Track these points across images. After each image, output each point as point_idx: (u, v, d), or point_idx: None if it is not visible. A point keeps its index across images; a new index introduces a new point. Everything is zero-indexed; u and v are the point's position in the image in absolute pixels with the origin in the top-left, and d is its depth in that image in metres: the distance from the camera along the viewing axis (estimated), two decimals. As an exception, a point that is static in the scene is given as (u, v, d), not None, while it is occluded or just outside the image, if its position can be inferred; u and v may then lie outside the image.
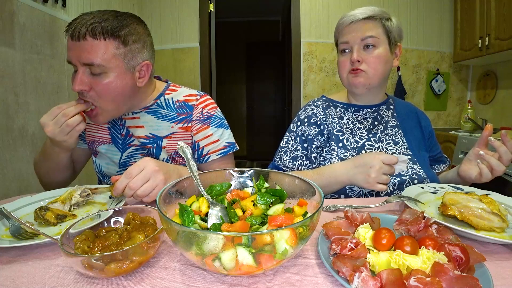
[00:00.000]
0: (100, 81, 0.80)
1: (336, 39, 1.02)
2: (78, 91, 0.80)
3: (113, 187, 0.71)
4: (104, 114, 0.86)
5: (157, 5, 3.02)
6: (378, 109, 1.04)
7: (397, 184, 0.91)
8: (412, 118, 1.07)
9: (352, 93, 1.02)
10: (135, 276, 0.46)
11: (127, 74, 0.84)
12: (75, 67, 0.81)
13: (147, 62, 0.88)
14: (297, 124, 1.03)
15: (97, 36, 0.77)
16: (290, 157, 0.99)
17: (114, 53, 0.80)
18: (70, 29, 0.78)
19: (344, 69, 0.97)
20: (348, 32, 0.94)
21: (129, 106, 0.92)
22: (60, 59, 1.86)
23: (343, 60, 0.97)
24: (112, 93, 0.83)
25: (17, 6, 1.53)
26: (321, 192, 0.51)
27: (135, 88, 0.88)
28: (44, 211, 0.65)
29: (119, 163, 0.99)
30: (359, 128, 1.00)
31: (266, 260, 0.41)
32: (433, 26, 3.01)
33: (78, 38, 0.77)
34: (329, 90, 3.02)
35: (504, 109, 2.70)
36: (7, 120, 1.49)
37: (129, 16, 0.84)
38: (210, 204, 0.54)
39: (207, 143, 0.99)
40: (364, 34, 0.91)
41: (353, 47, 0.93)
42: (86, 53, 0.77)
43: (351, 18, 0.94)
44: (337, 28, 0.99)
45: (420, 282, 0.37)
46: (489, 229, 0.58)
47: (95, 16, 0.78)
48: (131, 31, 0.82)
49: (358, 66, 0.93)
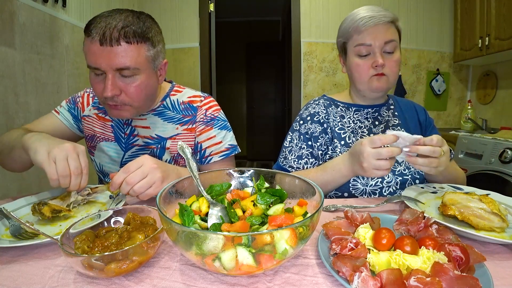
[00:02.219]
0: (131, 83, 0.81)
1: (346, 39, 0.96)
2: (111, 96, 0.79)
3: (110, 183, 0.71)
4: (132, 111, 0.87)
5: (157, 5, 3.01)
6: (379, 109, 1.03)
7: (399, 184, 0.91)
8: (412, 116, 1.07)
9: (367, 96, 0.99)
10: (135, 276, 0.46)
11: (153, 74, 0.86)
12: (98, 71, 0.79)
13: (166, 60, 0.91)
14: (300, 123, 1.03)
15: (131, 40, 0.76)
16: (295, 156, 0.99)
17: (146, 55, 0.81)
18: (97, 34, 0.74)
19: (365, 73, 0.92)
20: (371, 34, 0.89)
21: (150, 104, 0.95)
22: (60, 59, 1.86)
23: (363, 64, 0.92)
24: (142, 93, 0.84)
25: (17, 6, 1.53)
26: (321, 192, 0.51)
27: (158, 86, 0.92)
28: (42, 206, 0.66)
29: (121, 162, 0.99)
30: (360, 127, 1.00)
31: (266, 260, 0.41)
32: (433, 26, 3.01)
33: (111, 43, 0.74)
34: (329, 90, 3.02)
35: (504, 109, 2.70)
36: (7, 120, 1.49)
37: (146, 16, 0.84)
38: (210, 204, 0.54)
39: (210, 145, 0.99)
40: (388, 37, 0.88)
41: (375, 50, 0.89)
42: (120, 58, 0.76)
43: (374, 20, 0.87)
44: (354, 28, 0.91)
45: (420, 282, 0.37)
46: (489, 229, 0.58)
47: (120, 19, 0.76)
48: (155, 33, 0.84)
49: (382, 71, 0.90)
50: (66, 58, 1.91)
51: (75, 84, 1.99)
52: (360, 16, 0.89)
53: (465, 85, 3.17)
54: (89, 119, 1.01)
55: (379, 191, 0.90)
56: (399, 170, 0.92)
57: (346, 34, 0.95)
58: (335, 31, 1.03)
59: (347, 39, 0.95)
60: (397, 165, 0.93)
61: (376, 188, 0.90)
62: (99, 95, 0.82)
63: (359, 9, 0.93)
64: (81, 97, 1.03)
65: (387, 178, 0.90)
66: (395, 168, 0.93)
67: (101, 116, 1.00)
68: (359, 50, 0.91)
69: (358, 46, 0.91)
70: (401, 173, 0.92)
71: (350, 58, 0.96)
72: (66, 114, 1.01)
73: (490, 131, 2.58)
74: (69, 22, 1.93)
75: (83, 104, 1.02)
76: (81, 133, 1.05)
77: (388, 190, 0.90)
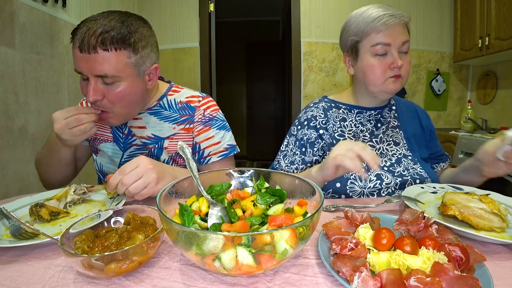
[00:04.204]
0: (113, 90, 0.80)
1: (361, 38, 0.90)
2: (93, 101, 0.79)
3: (107, 183, 0.72)
4: (117, 118, 0.87)
5: (157, 5, 3.02)
6: (381, 111, 1.02)
7: (398, 184, 0.90)
8: (413, 118, 1.06)
9: (378, 97, 0.97)
10: (135, 276, 0.46)
11: (138, 80, 0.84)
12: (84, 76, 0.79)
13: (155, 65, 0.88)
14: (298, 127, 1.02)
15: (108, 47, 0.74)
16: (288, 161, 0.99)
17: (126, 62, 0.78)
18: (78, 40, 0.74)
19: (382, 74, 0.88)
20: (392, 33, 0.86)
21: (141, 108, 0.94)
22: (60, 59, 1.86)
23: (379, 64, 0.88)
24: (126, 100, 0.83)
25: (17, 6, 1.53)
26: (321, 192, 0.51)
27: (146, 91, 0.90)
28: (40, 207, 0.66)
29: (120, 162, 0.99)
30: (362, 131, 0.99)
31: (266, 260, 0.41)
32: (433, 26, 3.01)
33: (88, 50, 0.73)
34: (329, 90, 3.02)
35: (504, 109, 2.70)
36: (7, 120, 1.49)
37: (134, 19, 0.81)
38: (210, 204, 0.54)
39: (208, 145, 0.99)
40: (405, 37, 0.87)
41: (392, 50, 0.87)
42: (98, 65, 0.75)
43: (395, 19, 0.84)
44: (373, 26, 0.86)
45: (420, 282, 0.37)
46: (489, 229, 0.58)
47: (101, 24, 0.75)
48: (139, 37, 0.80)
49: (399, 72, 0.88)
50: (66, 58, 1.91)
51: (75, 84, 1.99)
52: (379, 15, 0.86)
53: (465, 85, 3.17)
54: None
55: (377, 193, 0.90)
56: (398, 171, 0.92)
57: (361, 32, 0.90)
58: (335, 31, 1.03)
59: (361, 38, 0.90)
60: (396, 166, 0.93)
61: (374, 190, 0.89)
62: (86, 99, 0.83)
63: (368, 7, 0.90)
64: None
65: (386, 180, 0.89)
66: (394, 169, 0.92)
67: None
68: (376, 49, 0.87)
69: (376, 45, 0.87)
70: (400, 174, 0.91)
71: (364, 58, 0.91)
72: None
73: (490, 131, 2.58)
74: (69, 22, 1.93)
75: None
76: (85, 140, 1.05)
77: (387, 191, 0.90)
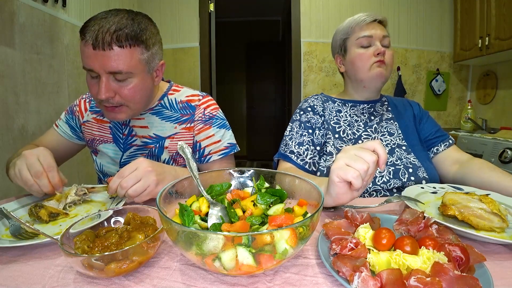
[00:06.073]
0: (126, 86, 0.80)
1: (347, 35, 1.04)
2: (105, 99, 0.79)
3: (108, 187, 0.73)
4: (128, 112, 0.87)
5: (157, 5, 3.01)
6: (374, 105, 1.08)
7: (392, 173, 0.92)
8: (406, 110, 1.11)
9: (367, 86, 1.04)
10: (135, 276, 0.46)
11: (148, 76, 0.85)
12: (93, 74, 0.79)
13: (162, 61, 0.90)
14: (300, 113, 1.06)
15: (123, 44, 0.75)
16: (296, 143, 1.00)
17: (139, 58, 0.80)
18: (91, 37, 0.74)
19: (367, 61, 1.00)
20: (371, 28, 1.00)
21: (148, 104, 0.94)
22: (60, 59, 1.86)
23: (365, 53, 1.00)
24: (137, 96, 0.84)
25: (17, 6, 1.53)
26: (321, 192, 0.51)
27: (153, 87, 0.91)
28: (39, 208, 0.66)
29: (120, 162, 0.99)
30: (356, 121, 1.05)
31: (266, 260, 0.41)
32: (433, 26, 3.01)
33: (103, 47, 0.74)
34: (329, 90, 3.02)
35: (504, 109, 2.70)
36: (7, 120, 1.49)
37: (143, 17, 0.83)
38: (210, 204, 0.54)
39: (209, 144, 0.99)
40: (384, 33, 1.01)
41: (375, 41, 1.00)
42: (113, 62, 0.75)
43: (370, 18, 1.01)
44: (356, 24, 1.02)
45: (420, 282, 0.37)
46: (489, 229, 0.58)
47: (113, 22, 0.75)
48: (150, 34, 0.82)
49: (382, 58, 0.98)
50: (66, 58, 1.91)
51: (75, 84, 1.99)
52: (360, 15, 1.02)
53: (465, 85, 3.17)
54: (89, 124, 1.01)
55: (372, 181, 0.90)
56: (391, 161, 0.95)
57: (347, 30, 1.04)
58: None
59: (348, 35, 1.04)
60: (389, 156, 0.96)
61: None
62: (95, 97, 0.82)
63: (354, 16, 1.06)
64: (78, 105, 1.04)
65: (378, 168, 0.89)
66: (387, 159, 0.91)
67: (99, 119, 1.00)
68: (361, 42, 1.01)
69: (360, 38, 1.01)
70: (393, 164, 0.94)
71: (351, 51, 1.04)
72: (64, 127, 1.04)
73: (490, 131, 2.58)
74: (69, 22, 1.93)
75: (81, 111, 1.03)
76: (81, 141, 1.06)
77: (382, 180, 0.91)
